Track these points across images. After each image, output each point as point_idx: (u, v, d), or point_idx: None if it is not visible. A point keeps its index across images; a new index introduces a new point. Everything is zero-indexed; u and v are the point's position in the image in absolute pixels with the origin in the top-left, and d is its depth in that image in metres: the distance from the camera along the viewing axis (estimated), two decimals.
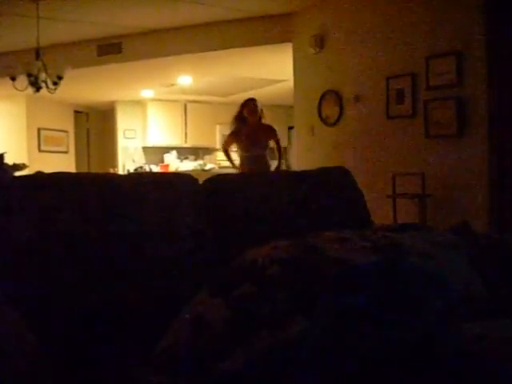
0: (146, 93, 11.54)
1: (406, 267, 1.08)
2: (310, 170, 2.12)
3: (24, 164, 6.37)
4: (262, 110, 7.08)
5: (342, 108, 6.84)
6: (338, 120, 6.91)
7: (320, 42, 7.06)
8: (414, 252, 1.15)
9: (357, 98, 6.64)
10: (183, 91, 11.23)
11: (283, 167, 13.57)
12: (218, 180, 1.91)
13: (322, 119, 7.11)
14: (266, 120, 7.21)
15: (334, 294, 1.00)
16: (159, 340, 1.20)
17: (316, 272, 1.05)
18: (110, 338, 1.54)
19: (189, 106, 12.69)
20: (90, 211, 1.68)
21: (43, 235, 1.64)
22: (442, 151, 5.76)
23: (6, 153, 6.09)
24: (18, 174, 5.75)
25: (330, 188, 1.97)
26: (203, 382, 1.00)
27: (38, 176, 1.91)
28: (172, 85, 10.50)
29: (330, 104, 6.95)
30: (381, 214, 4.54)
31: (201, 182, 1.93)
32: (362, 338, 1.00)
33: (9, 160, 6.18)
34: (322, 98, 7.06)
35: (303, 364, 0.96)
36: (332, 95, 6.93)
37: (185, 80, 10.01)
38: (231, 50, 8.02)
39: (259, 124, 7.07)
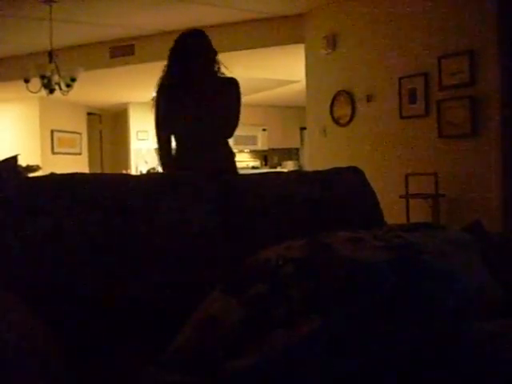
0: None
1: (419, 266, 1.08)
2: (323, 170, 2.12)
3: (38, 166, 6.40)
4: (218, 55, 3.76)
5: (354, 108, 6.84)
6: (350, 120, 6.91)
7: (332, 42, 7.06)
8: (427, 251, 1.15)
9: (369, 99, 6.64)
10: None
11: (296, 167, 13.58)
12: (231, 179, 1.91)
13: (334, 120, 7.11)
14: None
15: (346, 293, 1.00)
16: (172, 338, 1.20)
17: (329, 271, 1.05)
18: (121, 336, 1.55)
19: None
20: (105, 211, 1.69)
21: (57, 234, 1.65)
22: (455, 151, 5.75)
23: (19, 155, 6.13)
24: (31, 175, 5.79)
25: (343, 188, 1.97)
26: (216, 381, 1.01)
27: (53, 176, 1.92)
28: None
29: (343, 104, 6.95)
30: (394, 214, 4.53)
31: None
32: (375, 338, 1.00)
33: (22, 162, 6.22)
34: (335, 98, 7.06)
35: (316, 363, 0.96)
36: (344, 96, 6.93)
37: None
38: (243, 51, 8.04)
39: (214, 78, 3.79)
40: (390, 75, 6.37)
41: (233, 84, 3.88)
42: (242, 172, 4.07)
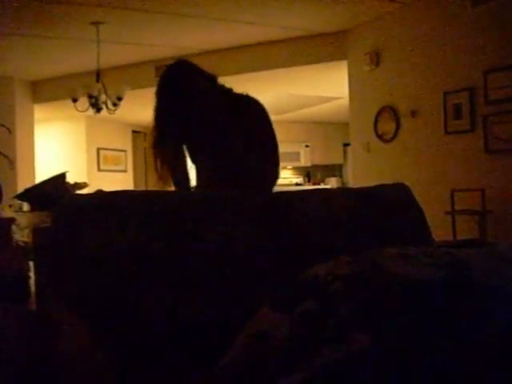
0: None
1: (469, 283, 1.07)
2: (369, 187, 2.11)
3: (85, 183, 6.53)
4: None
5: (398, 124, 6.80)
6: (394, 136, 6.87)
7: (375, 58, 7.05)
8: (477, 268, 1.14)
9: (413, 114, 6.59)
10: None
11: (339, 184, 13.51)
12: (277, 196, 1.92)
13: (378, 136, 7.08)
14: None
15: (398, 309, 1.00)
16: (222, 355, 1.21)
17: (380, 288, 1.05)
18: (172, 352, 1.56)
19: None
20: (153, 229, 1.72)
21: (107, 251, 1.68)
22: (502, 166, 5.66)
23: (68, 172, 6.27)
24: (79, 192, 5.90)
25: (390, 205, 1.96)
26: None
27: (103, 193, 1.96)
28: None
29: (387, 120, 6.92)
30: (440, 230, 4.47)
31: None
32: (427, 355, 1.00)
33: (70, 179, 6.35)
34: (378, 114, 7.04)
35: (367, 380, 0.96)
36: (388, 111, 6.90)
37: None
38: (286, 68, 8.08)
39: (229, 96, 2.99)
40: (435, 90, 6.31)
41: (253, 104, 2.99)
42: (285, 189, 3.67)
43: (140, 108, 10.77)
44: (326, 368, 0.99)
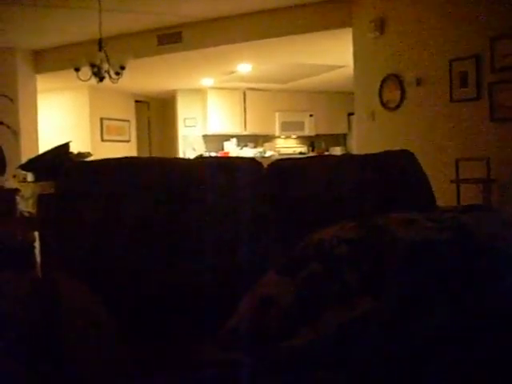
0: (206, 81, 11.63)
1: (474, 245, 1.07)
2: (375, 154, 2.10)
3: (89, 152, 6.51)
4: None
5: (403, 92, 6.74)
6: (399, 104, 6.81)
7: (380, 26, 6.96)
8: (482, 232, 1.14)
9: (419, 82, 6.53)
10: (242, 79, 11.28)
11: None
12: (282, 164, 1.91)
13: (382, 104, 7.01)
14: None
15: (400, 272, 1.00)
16: (224, 319, 1.22)
17: (383, 252, 1.05)
18: (176, 317, 1.57)
19: (248, 93, 12.72)
20: (156, 194, 1.71)
21: (110, 218, 1.68)
22: (508, 135, 5.61)
23: (71, 142, 6.25)
24: None
25: (395, 171, 1.95)
26: (270, 358, 1.01)
27: (105, 161, 1.95)
28: (232, 73, 10.56)
29: (391, 88, 6.85)
30: (444, 199, 4.45)
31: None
32: (427, 315, 1.00)
33: (73, 149, 6.33)
34: (383, 82, 6.97)
35: (370, 342, 0.96)
36: (393, 79, 6.83)
37: (244, 68, 10.05)
38: (291, 36, 7.99)
39: None
40: (440, 58, 6.24)
41: None
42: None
43: (143, 77, 10.73)
44: (330, 331, 0.99)
